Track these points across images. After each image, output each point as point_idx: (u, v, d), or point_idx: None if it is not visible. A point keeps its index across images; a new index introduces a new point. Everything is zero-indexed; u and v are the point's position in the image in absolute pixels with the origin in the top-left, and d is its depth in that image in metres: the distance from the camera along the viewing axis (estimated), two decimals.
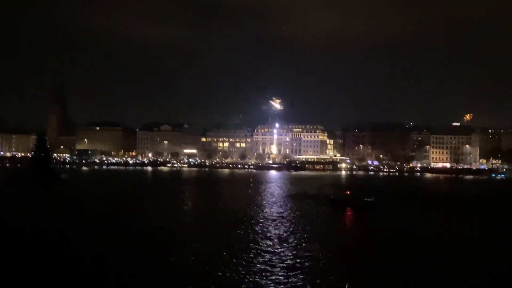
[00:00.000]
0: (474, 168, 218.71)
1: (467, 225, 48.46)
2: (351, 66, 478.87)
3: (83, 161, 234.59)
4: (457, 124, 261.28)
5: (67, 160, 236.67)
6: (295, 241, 38.75)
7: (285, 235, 41.55)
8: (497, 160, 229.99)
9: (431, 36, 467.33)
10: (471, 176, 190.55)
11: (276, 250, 34.61)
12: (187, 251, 33.64)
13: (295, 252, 34.32)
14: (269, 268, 29.14)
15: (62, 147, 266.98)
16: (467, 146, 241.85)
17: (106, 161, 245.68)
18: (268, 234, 41.47)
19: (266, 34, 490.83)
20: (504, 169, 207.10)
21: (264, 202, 70.13)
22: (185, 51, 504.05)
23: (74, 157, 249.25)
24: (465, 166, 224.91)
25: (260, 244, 36.96)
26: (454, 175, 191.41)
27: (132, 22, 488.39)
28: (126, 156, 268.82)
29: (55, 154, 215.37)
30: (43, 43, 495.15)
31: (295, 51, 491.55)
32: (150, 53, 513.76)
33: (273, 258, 32.16)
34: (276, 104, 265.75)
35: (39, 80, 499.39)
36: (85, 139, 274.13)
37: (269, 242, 37.67)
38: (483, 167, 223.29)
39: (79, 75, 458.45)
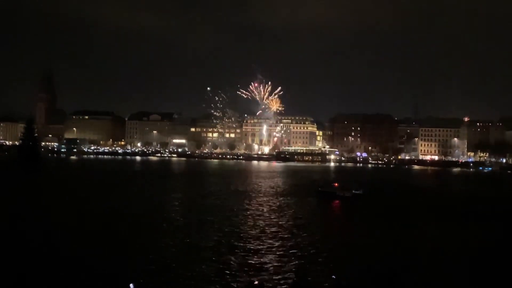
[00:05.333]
0: (461, 161, 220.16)
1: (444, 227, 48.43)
2: (339, 56, 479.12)
3: (72, 150, 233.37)
4: (446, 117, 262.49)
5: (55, 149, 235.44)
6: (282, 231, 39.14)
7: (273, 225, 41.93)
8: (484, 153, 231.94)
9: (420, 26, 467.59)
10: (458, 169, 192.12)
11: (265, 240, 34.92)
12: (169, 243, 33.78)
13: (282, 241, 34.66)
14: (257, 258, 29.42)
15: (50, 135, 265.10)
16: (455, 139, 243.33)
17: (95, 150, 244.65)
18: (258, 224, 41.79)
19: (248, 22, 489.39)
20: (491, 162, 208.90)
21: (253, 194, 70.31)
22: (171, 40, 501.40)
23: (63, 146, 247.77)
24: (453, 159, 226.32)
25: (250, 234, 37.24)
26: (441, 168, 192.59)
27: (121, 12, 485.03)
28: (115, 145, 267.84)
29: (43, 143, 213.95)
30: (31, 30, 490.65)
31: (281, 39, 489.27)
32: (135, 42, 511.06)
33: (261, 247, 32.47)
34: (265, 95, 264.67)
35: (27, 68, 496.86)
36: (74, 128, 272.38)
37: (258, 233, 37.97)
38: (470, 160, 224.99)
39: (68, 64, 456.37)
